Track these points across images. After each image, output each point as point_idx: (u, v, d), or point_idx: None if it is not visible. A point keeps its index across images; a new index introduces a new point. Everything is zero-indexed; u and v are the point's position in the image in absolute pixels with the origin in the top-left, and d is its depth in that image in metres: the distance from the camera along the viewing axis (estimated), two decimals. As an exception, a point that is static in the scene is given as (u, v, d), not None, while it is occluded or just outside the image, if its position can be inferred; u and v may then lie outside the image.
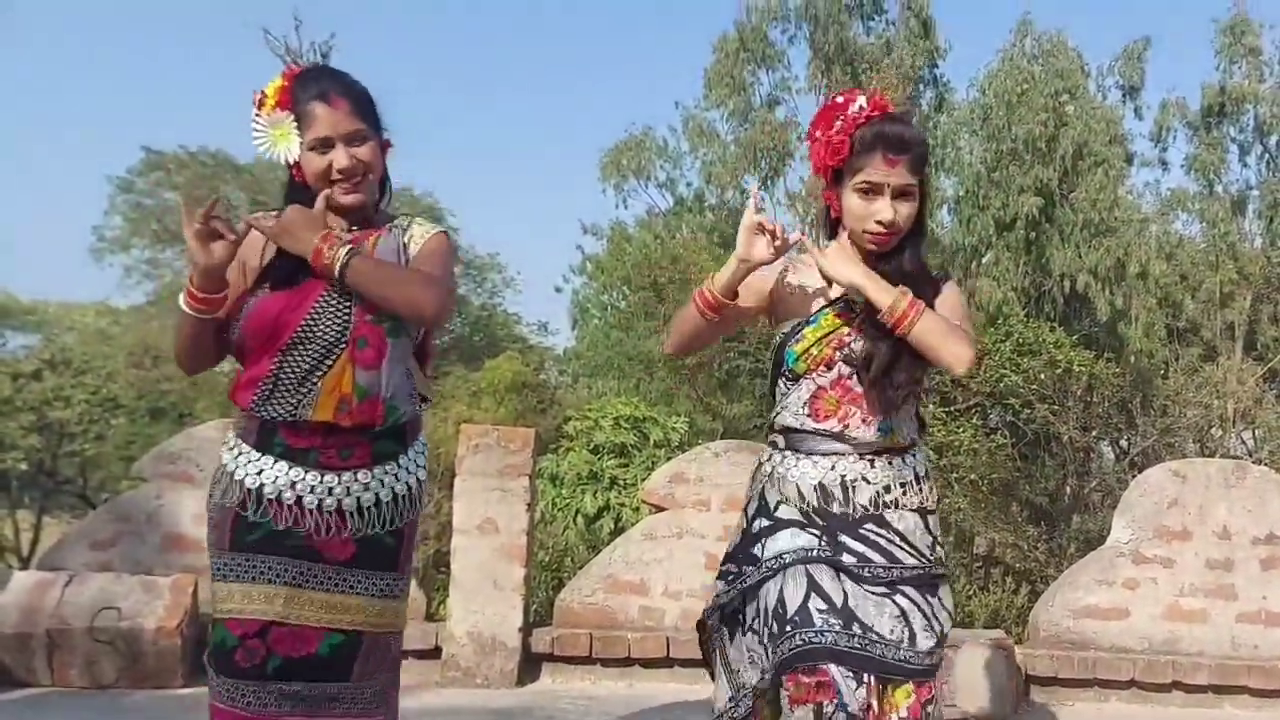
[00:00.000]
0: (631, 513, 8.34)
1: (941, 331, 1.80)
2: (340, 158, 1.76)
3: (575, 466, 8.53)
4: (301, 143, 1.76)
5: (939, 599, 1.90)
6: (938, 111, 16.10)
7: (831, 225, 2.00)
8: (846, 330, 1.90)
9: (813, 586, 1.82)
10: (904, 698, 1.81)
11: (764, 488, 1.96)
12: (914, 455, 1.95)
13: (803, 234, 1.90)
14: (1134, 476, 8.37)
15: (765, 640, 1.85)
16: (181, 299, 1.77)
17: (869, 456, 1.89)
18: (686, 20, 35.98)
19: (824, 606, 1.80)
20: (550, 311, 23.54)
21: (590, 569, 4.22)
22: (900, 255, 1.90)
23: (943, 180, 15.54)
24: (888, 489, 1.88)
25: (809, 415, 1.90)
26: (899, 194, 1.85)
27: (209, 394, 19.79)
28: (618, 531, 8.34)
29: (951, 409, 8.22)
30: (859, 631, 1.79)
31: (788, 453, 1.93)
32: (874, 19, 16.15)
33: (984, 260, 14.45)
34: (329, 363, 1.74)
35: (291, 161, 1.78)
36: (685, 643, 3.96)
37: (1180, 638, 4.00)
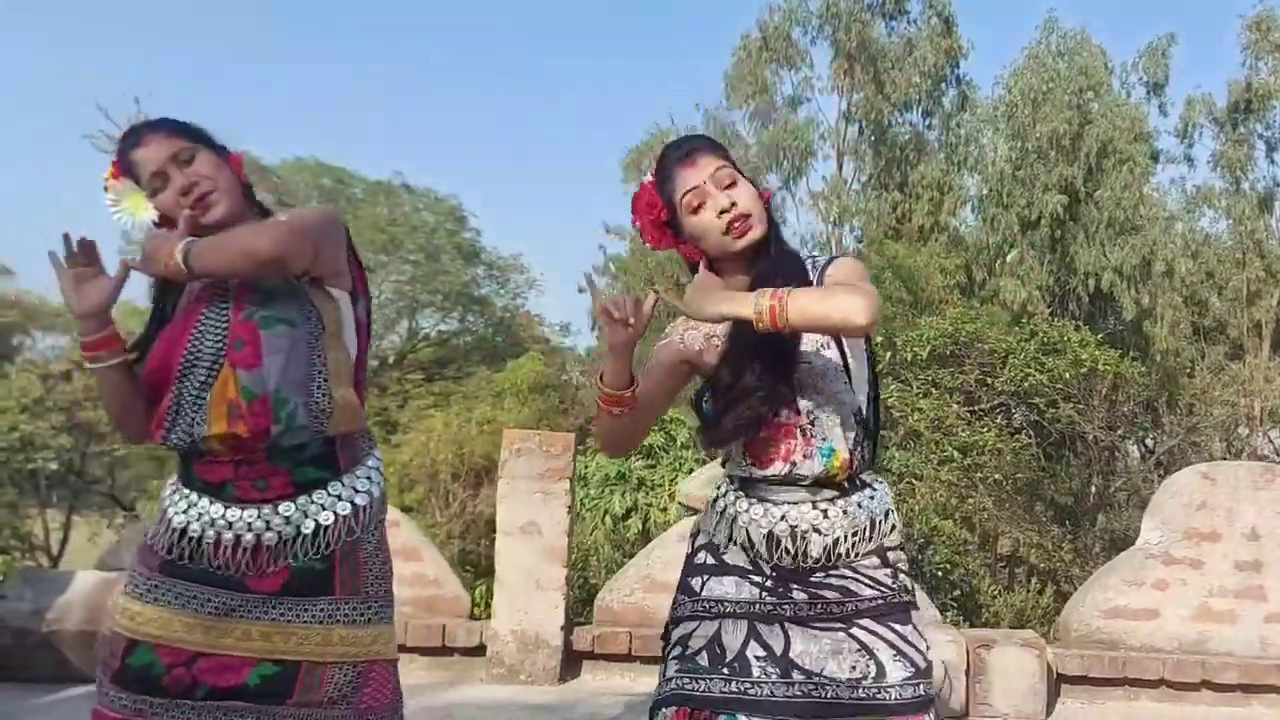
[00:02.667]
0: (659, 513, 8.44)
1: (818, 298, 1.65)
2: (176, 180, 1.76)
3: (603, 468, 8.64)
4: (146, 194, 1.78)
5: (911, 626, 1.79)
6: (961, 110, 16.11)
7: (694, 271, 1.85)
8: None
9: (752, 633, 1.75)
10: None
11: (715, 524, 1.84)
12: (871, 491, 1.83)
13: (654, 292, 1.71)
14: (1160, 475, 8.41)
15: (677, 661, 1.78)
16: (79, 358, 1.80)
17: (823, 505, 1.77)
18: (706, 23, 36.04)
19: (762, 654, 1.74)
20: (572, 312, 23.60)
21: (629, 570, 4.32)
22: (766, 253, 1.80)
23: (966, 179, 15.57)
24: (838, 541, 1.76)
25: (753, 464, 1.79)
26: (721, 184, 1.77)
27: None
28: (645, 532, 8.44)
29: (976, 409, 8.25)
30: (800, 679, 1.71)
31: (741, 494, 1.81)
32: (896, 18, 16.16)
33: (1008, 259, 14.44)
34: (212, 375, 1.71)
35: (152, 222, 1.79)
36: (722, 641, 4.07)
37: (1209, 638, 4.05)
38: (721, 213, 1.76)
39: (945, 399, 8.14)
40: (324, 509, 1.72)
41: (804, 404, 1.76)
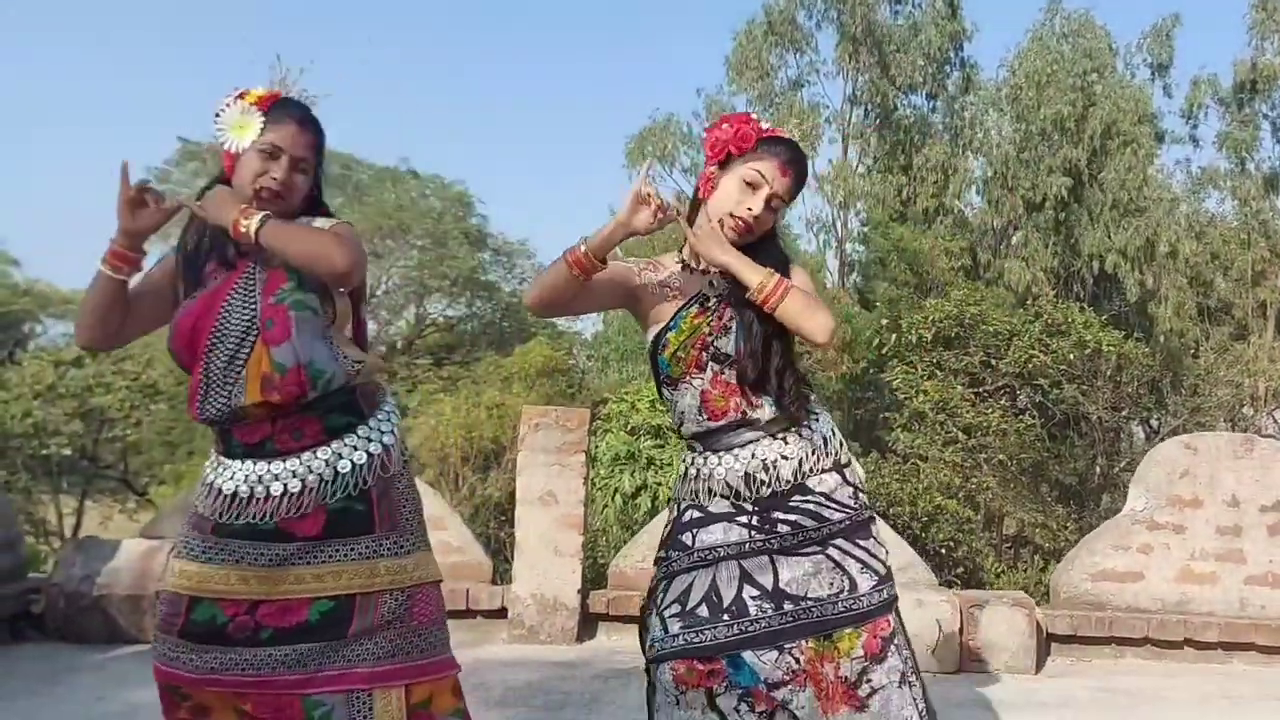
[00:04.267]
0: (668, 491, 8.64)
1: (806, 305, 1.88)
2: (279, 170, 1.88)
3: (613, 447, 8.82)
4: (254, 142, 1.88)
5: (873, 539, 2.00)
6: (965, 93, 16.15)
7: (694, 208, 2.05)
8: (707, 329, 1.96)
9: (745, 577, 1.92)
10: (852, 643, 1.91)
11: (694, 487, 2.01)
12: (817, 419, 2.02)
13: (679, 211, 1.92)
14: (1160, 454, 8.52)
15: (678, 619, 1.92)
16: (101, 258, 1.89)
17: (780, 435, 1.97)
18: (709, 7, 35.95)
19: (756, 593, 1.91)
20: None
21: (641, 537, 4.55)
22: (754, 250, 1.96)
23: (971, 161, 15.65)
24: (802, 460, 1.96)
25: (708, 418, 1.97)
26: (773, 205, 1.96)
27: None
28: (654, 510, 8.65)
29: (980, 390, 8.37)
30: (790, 607, 1.90)
31: (707, 454, 1.99)
32: (901, 1, 16.20)
33: (1013, 241, 14.54)
34: (246, 350, 1.83)
35: (236, 150, 1.88)
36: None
37: (1192, 599, 4.25)
38: (748, 210, 1.94)
39: (950, 380, 8.26)
40: (355, 449, 1.88)
41: None
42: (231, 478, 1.87)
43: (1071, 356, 8.40)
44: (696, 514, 1.99)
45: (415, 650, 1.90)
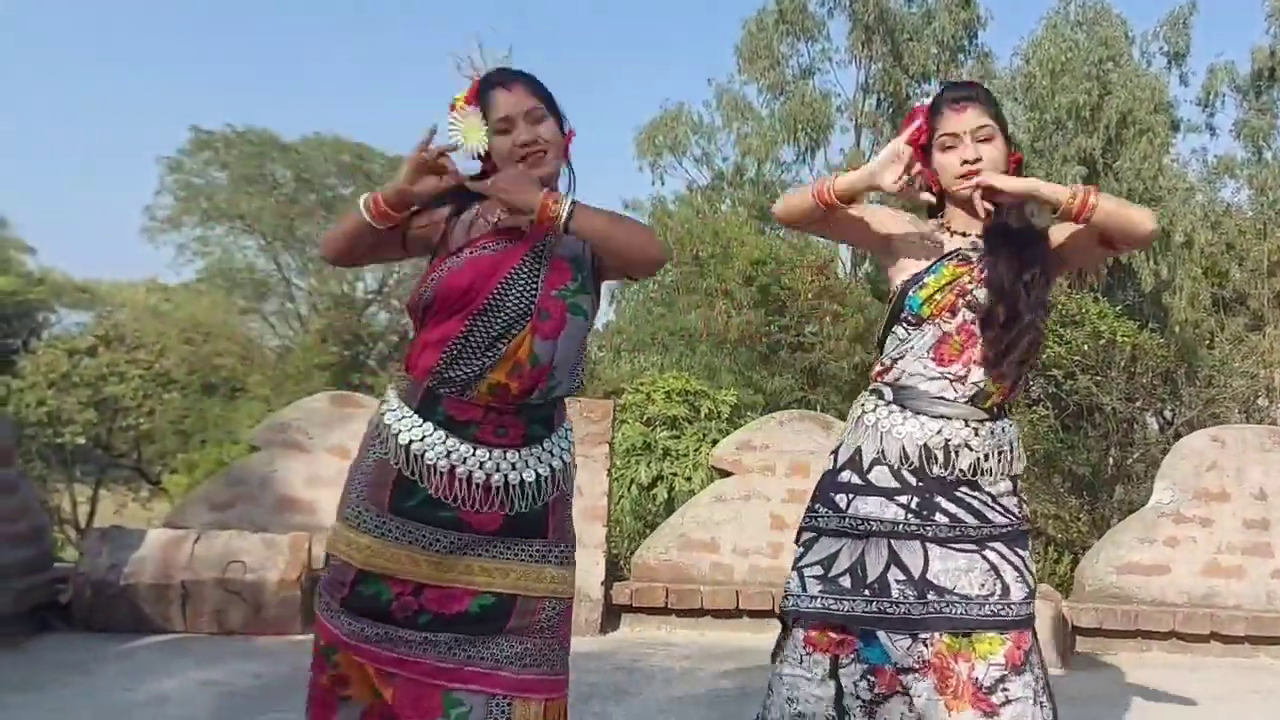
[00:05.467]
0: (684, 482, 8.64)
1: (1120, 202, 1.89)
2: (521, 133, 1.87)
3: (629, 438, 8.82)
4: (488, 130, 1.88)
5: (1028, 552, 1.97)
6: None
7: (931, 211, 2.08)
8: (967, 278, 1.96)
9: (893, 559, 1.91)
10: (993, 647, 1.87)
11: (862, 440, 1.98)
12: (1009, 422, 2.01)
13: (921, 185, 1.96)
14: (1178, 446, 8.50)
15: (819, 581, 1.93)
16: (363, 202, 1.86)
17: (974, 424, 1.95)
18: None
19: (902, 578, 1.89)
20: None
21: (664, 529, 4.54)
22: (1010, 210, 1.97)
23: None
24: (987, 457, 1.94)
25: (933, 359, 1.95)
26: (979, 138, 1.95)
27: (260, 369, 20.37)
28: (670, 500, 8.65)
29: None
30: (934, 598, 1.88)
31: (894, 407, 1.97)
32: (914, -11, 16.13)
33: (1026, 231, 14.46)
34: (515, 331, 1.83)
35: (482, 152, 1.89)
36: (754, 595, 4.29)
37: (1218, 592, 4.23)
38: (964, 162, 1.94)
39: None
40: (541, 462, 1.89)
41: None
42: (422, 439, 1.84)
43: (1086, 347, 8.38)
44: (856, 479, 1.96)
45: (557, 663, 1.92)
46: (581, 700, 3.37)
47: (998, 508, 1.95)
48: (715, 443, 8.61)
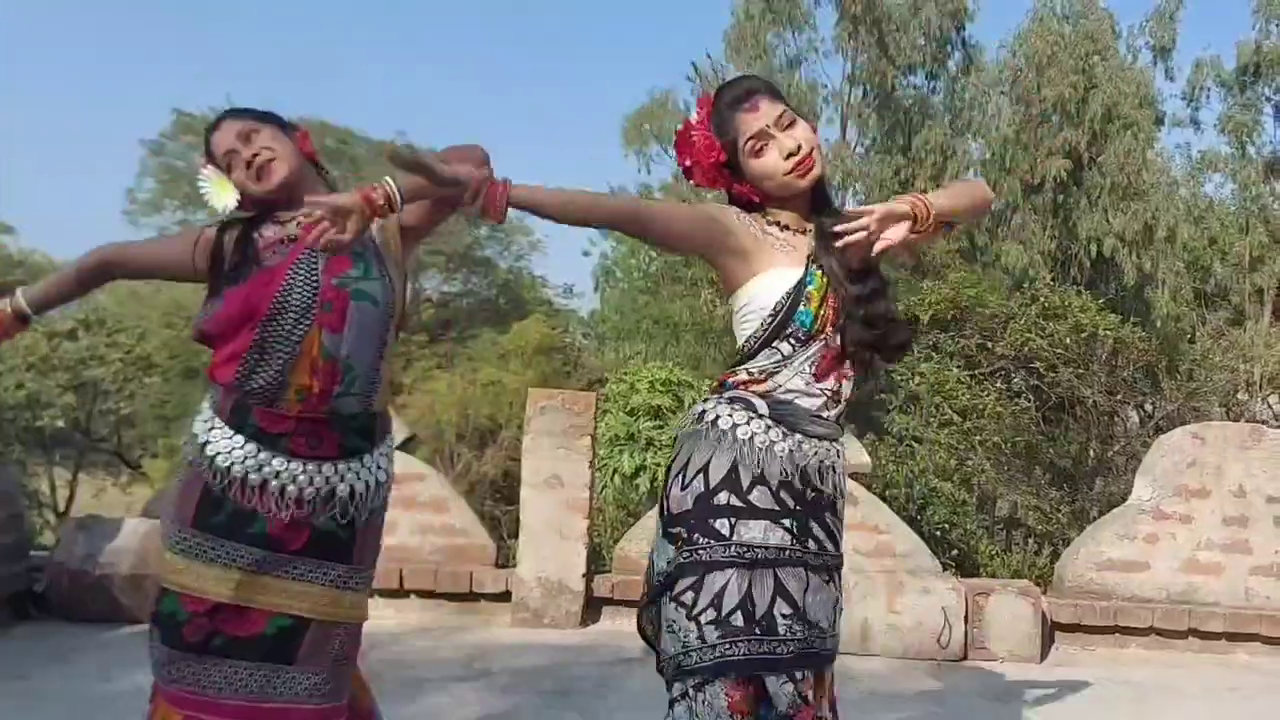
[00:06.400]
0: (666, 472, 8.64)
1: (955, 189, 1.89)
2: (243, 154, 1.92)
3: (612, 428, 8.82)
4: (225, 176, 1.95)
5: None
6: (965, 74, 16.06)
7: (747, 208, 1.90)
8: (831, 289, 1.84)
9: (779, 590, 1.76)
10: (831, 681, 1.84)
11: (736, 457, 1.78)
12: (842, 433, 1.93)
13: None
14: (1158, 440, 8.56)
15: (715, 627, 1.74)
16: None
17: (838, 445, 1.87)
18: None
19: (788, 611, 1.75)
20: (575, 274, 23.70)
21: (646, 521, 4.54)
22: (827, 203, 1.89)
23: (970, 143, 15.59)
24: (839, 481, 1.88)
25: (814, 375, 1.82)
26: (783, 125, 1.82)
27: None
28: (653, 491, 8.65)
29: (976, 372, 8.38)
30: (814, 634, 1.78)
31: (771, 423, 1.80)
32: (902, -20, 16.08)
33: (1010, 224, 14.51)
34: (302, 330, 1.84)
35: (234, 202, 1.94)
36: (735, 589, 4.29)
37: (1197, 589, 4.26)
38: (788, 156, 1.81)
39: (946, 363, 8.27)
40: (358, 477, 1.88)
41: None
42: (230, 451, 1.82)
43: (1068, 340, 8.41)
44: (735, 501, 1.77)
45: (345, 688, 1.92)
46: (564, 694, 3.36)
47: (839, 536, 1.88)
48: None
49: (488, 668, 3.62)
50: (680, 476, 1.82)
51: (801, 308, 1.81)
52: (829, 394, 1.85)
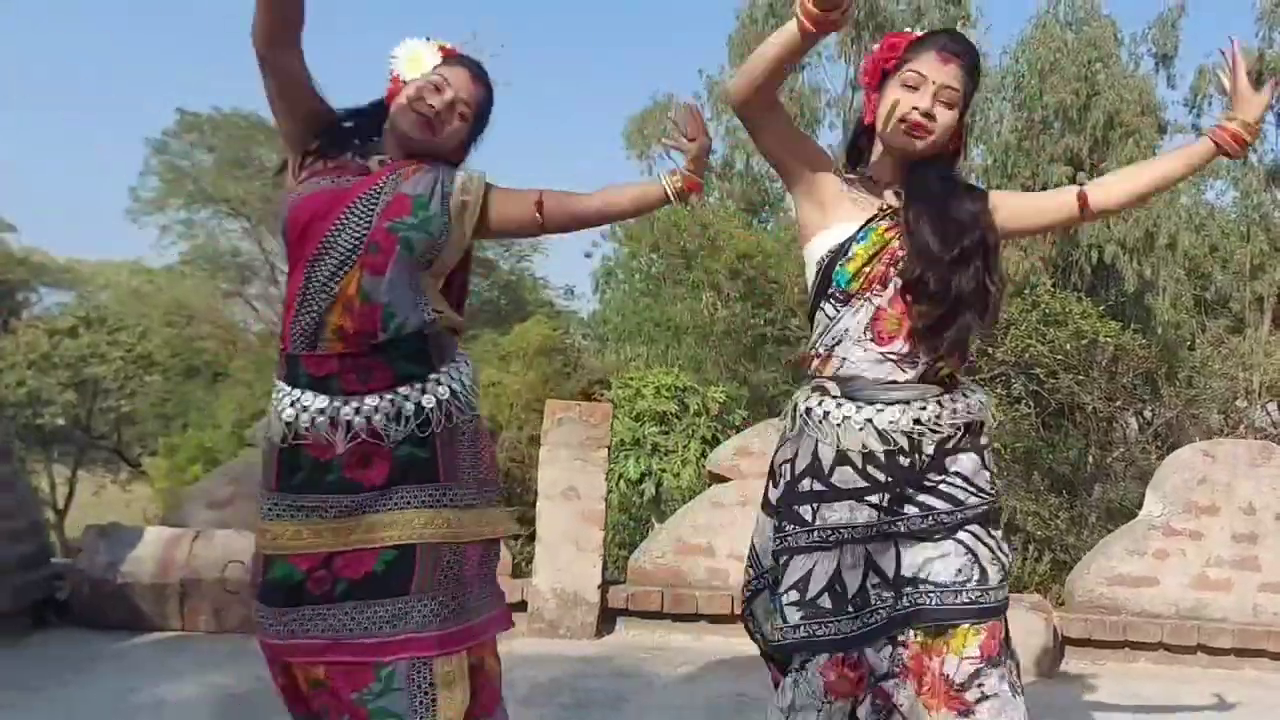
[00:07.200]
0: (672, 478, 8.68)
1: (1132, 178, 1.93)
2: (439, 101, 1.93)
3: (619, 433, 8.87)
4: (424, 74, 1.96)
5: (1000, 530, 1.87)
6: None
7: (854, 144, 1.92)
8: (898, 243, 1.81)
9: (869, 565, 1.78)
10: (966, 640, 1.76)
11: (817, 442, 1.82)
12: (970, 391, 1.87)
13: None
14: (1157, 447, 8.63)
15: (797, 608, 1.79)
16: None
17: (933, 401, 1.80)
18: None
19: (877, 581, 1.77)
20: (575, 276, 23.73)
21: (661, 533, 4.57)
22: (934, 166, 1.83)
23: (972, 149, 15.65)
24: (950, 436, 1.81)
25: (872, 340, 1.80)
26: (944, 99, 1.78)
27: (243, 353, 20.23)
28: (658, 496, 8.69)
29: (976, 378, 8.41)
30: (909, 590, 1.77)
31: (845, 401, 1.81)
32: (904, -15, 16.11)
33: (1012, 230, 14.53)
34: (345, 269, 1.83)
35: (403, 78, 1.95)
36: (749, 601, 4.33)
37: (1206, 605, 4.29)
38: (915, 109, 1.77)
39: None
40: (424, 393, 1.86)
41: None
42: (292, 405, 1.84)
43: (1068, 346, 8.46)
44: (818, 485, 1.80)
45: (472, 611, 1.91)
46: (582, 707, 3.39)
47: (971, 487, 1.83)
48: (704, 439, 8.69)
49: (508, 680, 3.63)
50: (776, 470, 1.91)
51: (839, 266, 1.81)
52: (898, 357, 1.80)
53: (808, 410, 1.84)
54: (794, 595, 1.80)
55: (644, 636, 4.31)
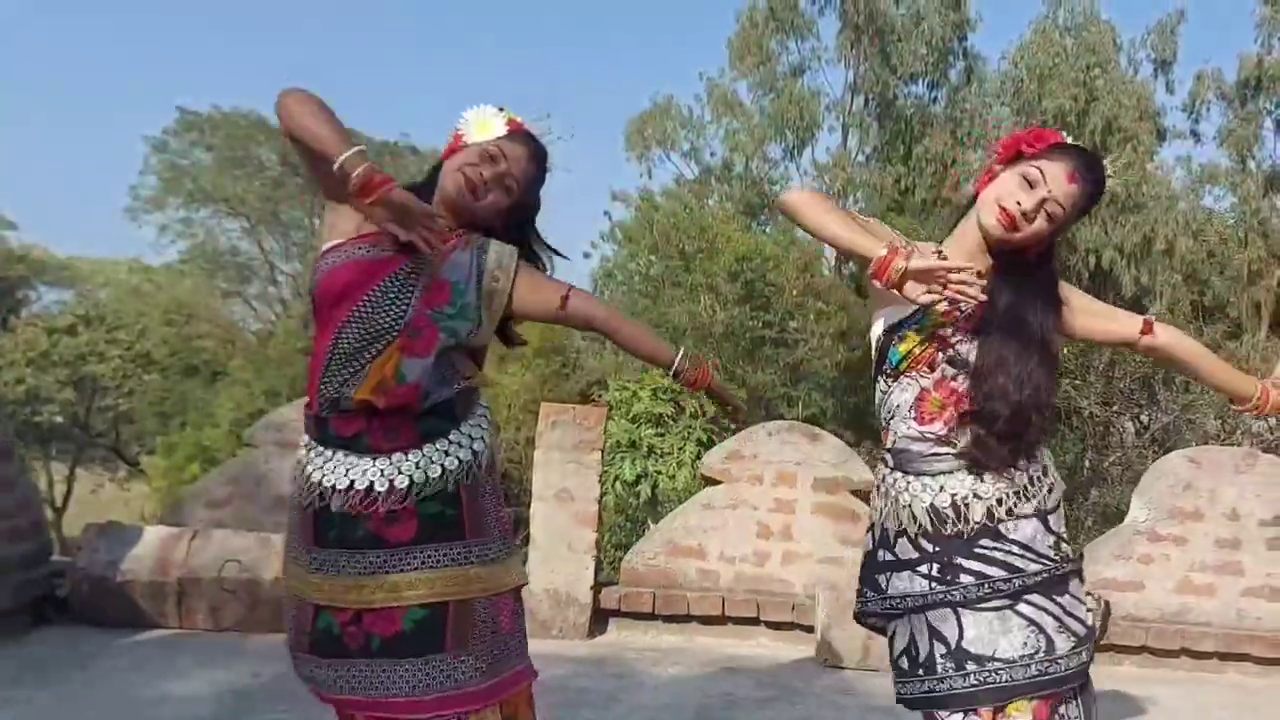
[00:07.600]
0: (667, 480, 8.74)
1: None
2: (489, 170, 1.93)
3: (614, 435, 8.91)
4: (485, 142, 1.96)
5: (1071, 595, 1.83)
6: (967, 84, 16.16)
7: (958, 216, 1.94)
8: (950, 330, 1.83)
9: (933, 634, 1.82)
10: (1020, 709, 1.78)
11: (884, 513, 1.91)
12: (1032, 457, 1.86)
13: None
14: (1154, 452, 8.67)
15: (893, 665, 1.92)
16: (357, 164, 1.69)
17: (978, 471, 1.82)
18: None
19: (944, 651, 1.80)
20: (573, 276, 23.75)
21: (654, 535, 4.63)
22: (1020, 264, 1.83)
23: (969, 154, 15.68)
24: (1000, 501, 1.82)
25: (915, 419, 1.85)
26: (1049, 210, 1.79)
27: (242, 352, 20.29)
28: (654, 498, 8.75)
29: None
30: (973, 668, 1.78)
31: (897, 474, 1.88)
32: (904, -10, 16.16)
33: (1010, 234, 14.57)
34: (379, 346, 1.82)
35: (465, 141, 1.97)
36: (739, 602, 4.38)
37: (1190, 609, 4.35)
38: (1018, 204, 1.78)
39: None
40: (447, 455, 1.86)
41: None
42: (323, 466, 1.86)
43: (1065, 351, 8.46)
44: (889, 556, 1.90)
45: (505, 663, 1.91)
46: (574, 706, 3.45)
47: (1029, 554, 1.81)
48: (699, 441, 8.75)
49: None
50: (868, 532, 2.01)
51: (894, 347, 1.86)
52: (936, 438, 1.84)
53: (881, 480, 1.94)
54: (893, 654, 1.94)
55: (635, 637, 4.37)
